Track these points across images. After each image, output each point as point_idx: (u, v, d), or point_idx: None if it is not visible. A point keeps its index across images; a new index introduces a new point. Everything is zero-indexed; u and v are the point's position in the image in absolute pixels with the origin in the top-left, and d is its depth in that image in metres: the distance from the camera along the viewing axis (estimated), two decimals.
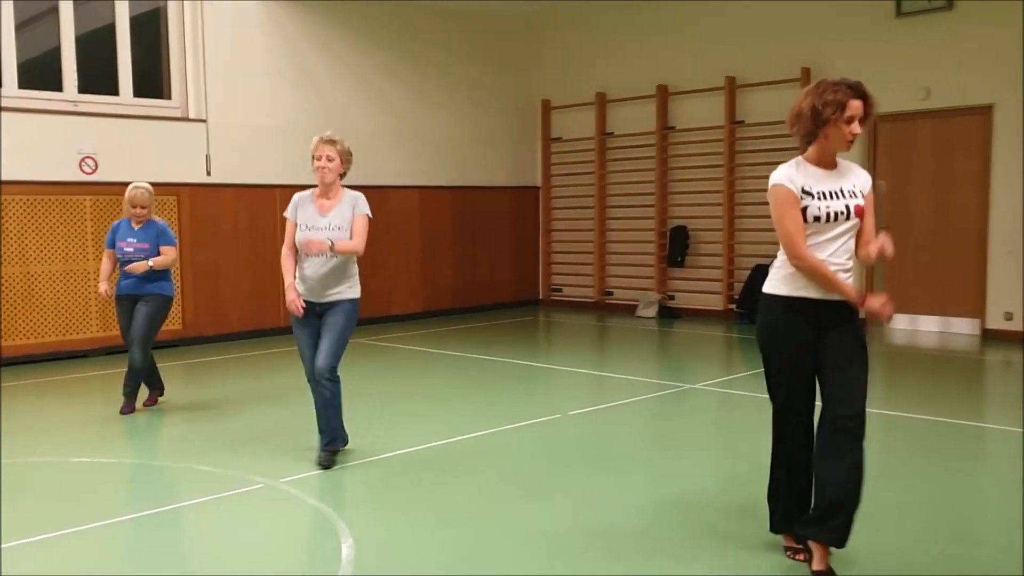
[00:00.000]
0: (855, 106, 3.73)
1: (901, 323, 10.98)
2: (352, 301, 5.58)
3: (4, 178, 9.09)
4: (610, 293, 13.27)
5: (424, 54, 12.50)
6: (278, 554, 4.19)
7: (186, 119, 10.41)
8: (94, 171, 9.65)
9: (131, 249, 7.01)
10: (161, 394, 7.36)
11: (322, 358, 5.41)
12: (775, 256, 4.01)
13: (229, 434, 6.37)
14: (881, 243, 3.83)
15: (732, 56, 11.82)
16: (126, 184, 9.63)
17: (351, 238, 5.49)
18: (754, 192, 11.72)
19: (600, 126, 13.01)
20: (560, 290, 13.89)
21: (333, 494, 5.08)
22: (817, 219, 3.79)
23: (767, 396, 3.99)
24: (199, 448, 6.04)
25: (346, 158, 5.53)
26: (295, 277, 5.52)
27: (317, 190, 5.56)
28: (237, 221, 10.72)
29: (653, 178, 12.58)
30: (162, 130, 10.17)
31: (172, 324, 9.97)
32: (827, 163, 3.87)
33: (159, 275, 7.02)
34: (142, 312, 6.99)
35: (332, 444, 5.55)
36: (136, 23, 10.28)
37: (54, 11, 9.66)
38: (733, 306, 11.90)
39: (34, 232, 9.31)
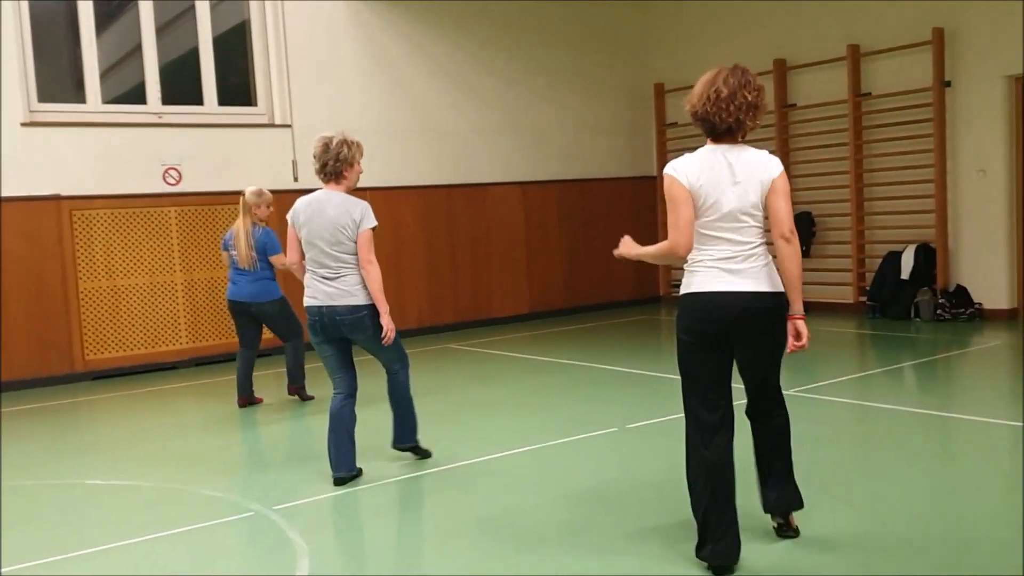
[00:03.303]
0: None
1: None
2: None
3: (89, 193, 9.16)
4: None
5: (520, 42, 11.92)
6: None
7: (271, 125, 10.25)
8: (178, 182, 9.60)
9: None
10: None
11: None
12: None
13: (263, 451, 6.03)
14: None
15: (853, 21, 10.65)
16: (211, 194, 9.74)
17: None
18: (884, 171, 10.58)
19: None
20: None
21: (321, 525, 4.60)
22: None
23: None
24: (225, 467, 5.73)
25: None
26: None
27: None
28: None
29: None
30: (247, 137, 10.05)
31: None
32: None
33: None
34: None
35: None
36: (223, 37, 10.24)
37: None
38: (864, 298, 10.74)
39: (120, 245, 9.33)
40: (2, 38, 8.70)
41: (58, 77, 9.52)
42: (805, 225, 11.26)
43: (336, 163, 5.04)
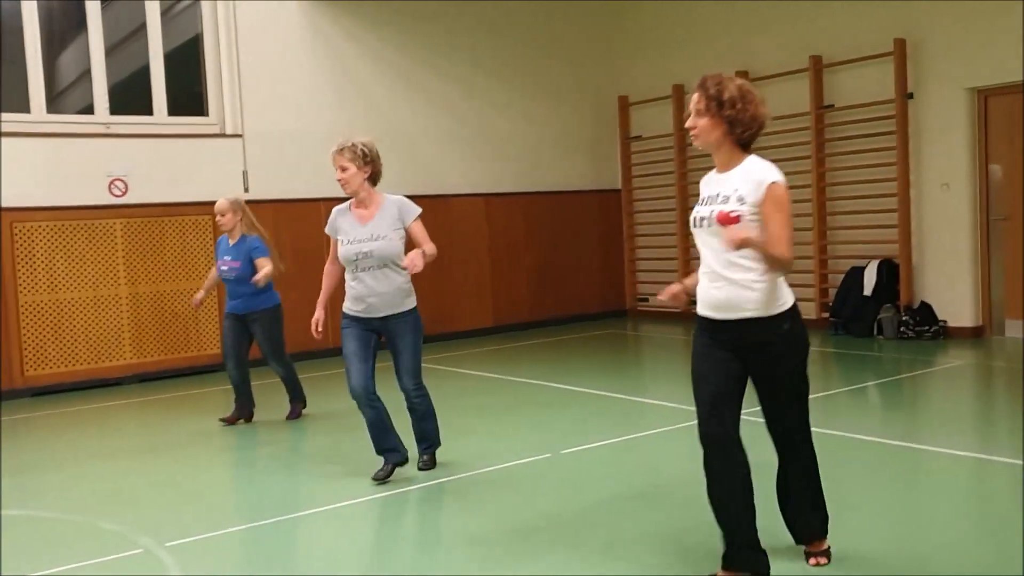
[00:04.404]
0: (690, 101, 3.67)
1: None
2: (413, 311, 5.50)
3: (33, 205, 8.96)
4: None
5: (482, 51, 11.74)
6: None
7: (222, 135, 10.05)
8: (124, 194, 9.40)
9: (225, 268, 7.06)
10: (303, 406, 7.37)
11: (406, 378, 5.37)
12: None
13: (185, 480, 5.82)
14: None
15: (815, 32, 10.48)
16: (158, 206, 9.55)
17: (418, 245, 5.35)
18: (847, 185, 10.39)
19: (678, 121, 11.87)
20: (646, 300, 12.81)
21: (209, 565, 4.38)
22: (694, 223, 3.68)
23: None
24: (138, 496, 5.53)
25: (366, 160, 5.29)
26: (347, 296, 5.40)
27: (353, 201, 5.42)
28: (279, 238, 10.19)
29: None
30: (196, 148, 9.85)
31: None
32: (719, 165, 3.72)
33: (263, 288, 6.96)
34: (259, 333, 7.08)
35: (431, 448, 5.58)
36: (179, 50, 10.07)
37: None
38: (827, 315, 10.55)
39: (64, 258, 9.12)
40: None
41: (3, 86, 9.32)
42: None
43: None
